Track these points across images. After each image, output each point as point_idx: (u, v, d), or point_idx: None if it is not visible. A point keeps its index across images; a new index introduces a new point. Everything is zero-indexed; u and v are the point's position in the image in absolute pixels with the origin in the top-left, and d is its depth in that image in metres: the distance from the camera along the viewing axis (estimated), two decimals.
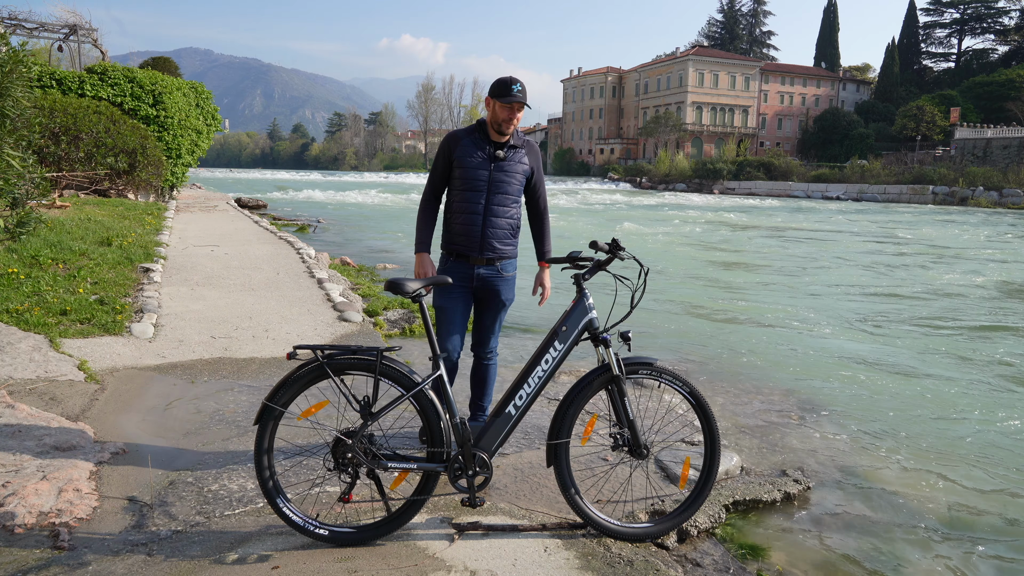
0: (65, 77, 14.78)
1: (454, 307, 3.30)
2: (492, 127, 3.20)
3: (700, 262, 13.62)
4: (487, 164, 3.21)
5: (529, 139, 3.36)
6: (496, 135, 3.22)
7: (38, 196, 5.49)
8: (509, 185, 3.25)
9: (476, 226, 3.23)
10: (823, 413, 4.90)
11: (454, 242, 3.31)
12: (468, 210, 3.23)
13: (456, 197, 3.28)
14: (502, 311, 3.43)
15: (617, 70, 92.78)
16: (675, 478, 3.43)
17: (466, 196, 3.23)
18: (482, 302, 3.40)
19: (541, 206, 3.45)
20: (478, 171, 3.20)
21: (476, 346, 3.52)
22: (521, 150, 3.29)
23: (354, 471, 2.55)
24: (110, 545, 2.54)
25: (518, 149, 3.27)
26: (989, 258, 15.60)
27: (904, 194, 49.20)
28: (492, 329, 3.46)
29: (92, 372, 4.37)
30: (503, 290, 3.36)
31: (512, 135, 3.25)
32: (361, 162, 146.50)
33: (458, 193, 3.26)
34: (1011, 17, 77.84)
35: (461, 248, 3.29)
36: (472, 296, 3.37)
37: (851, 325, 8.00)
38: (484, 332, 3.46)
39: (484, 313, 3.43)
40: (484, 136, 3.24)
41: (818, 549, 3.11)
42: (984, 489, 3.80)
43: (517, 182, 3.28)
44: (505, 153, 3.22)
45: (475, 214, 3.23)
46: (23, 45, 6.00)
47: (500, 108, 3.13)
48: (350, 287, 7.84)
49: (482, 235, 3.24)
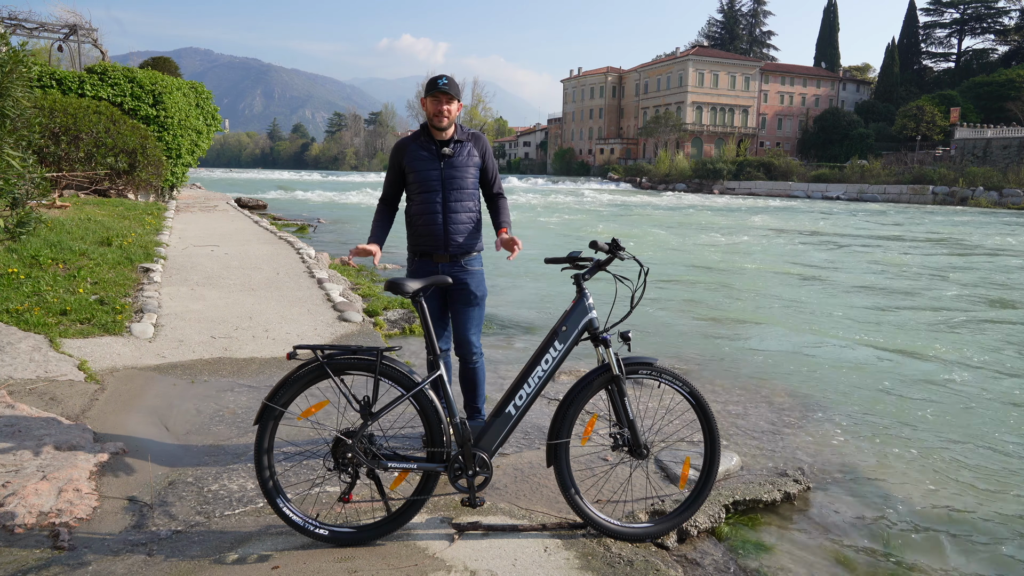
0: (65, 77, 14.77)
1: (429, 307, 3.31)
2: (432, 127, 3.26)
3: (700, 262, 13.62)
4: (436, 163, 3.26)
5: (474, 131, 3.41)
6: (438, 133, 3.26)
7: (38, 196, 5.49)
8: (463, 180, 3.30)
9: (437, 224, 3.28)
10: (823, 413, 4.90)
11: (418, 243, 3.36)
12: (427, 210, 3.28)
13: (414, 200, 3.33)
14: (476, 307, 3.43)
15: (617, 70, 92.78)
16: (675, 478, 3.43)
17: (423, 197, 3.29)
18: (453, 300, 3.41)
19: (495, 191, 3.49)
20: (429, 171, 3.26)
21: (459, 347, 3.50)
22: (468, 143, 3.33)
23: (354, 471, 2.55)
24: (110, 545, 2.54)
25: (464, 143, 3.32)
26: (993, 257, 15.60)
27: (904, 194, 49.20)
28: (469, 327, 3.44)
29: (92, 372, 4.37)
30: (472, 284, 3.38)
31: (456, 131, 3.30)
32: (361, 162, 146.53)
33: (415, 196, 3.32)
34: (1011, 17, 77.89)
35: (425, 247, 3.33)
36: (442, 293, 3.39)
37: (852, 325, 8.00)
38: (461, 330, 3.45)
39: (458, 311, 3.43)
40: (429, 137, 3.30)
41: (818, 549, 3.11)
42: (985, 489, 3.79)
43: (471, 175, 3.33)
44: (451, 149, 3.27)
45: (434, 213, 3.28)
46: (23, 45, 5.99)
47: (429, 102, 3.21)
48: (350, 287, 7.84)
49: (444, 232, 3.28)
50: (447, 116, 3.20)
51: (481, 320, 3.50)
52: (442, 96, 3.16)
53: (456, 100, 3.19)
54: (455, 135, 3.30)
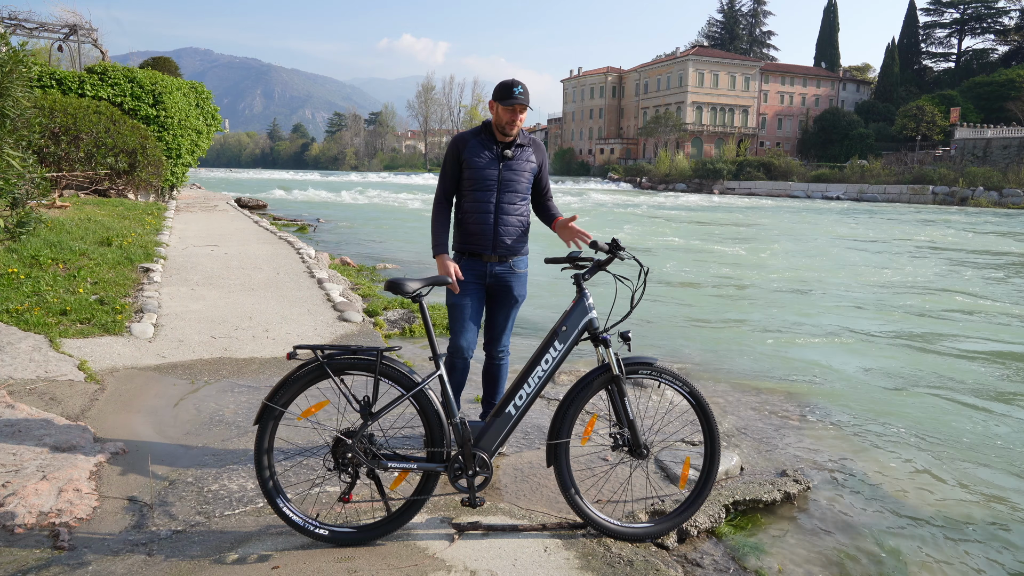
0: (65, 77, 14.77)
1: (468, 304, 3.32)
2: (497, 129, 3.25)
3: (700, 262, 13.62)
4: (495, 163, 3.26)
5: (534, 137, 3.41)
6: (501, 136, 3.26)
7: (38, 196, 5.49)
8: (518, 183, 3.30)
9: (488, 225, 3.27)
10: (823, 413, 4.90)
11: (467, 241, 3.34)
12: (480, 209, 3.27)
13: (467, 198, 3.31)
14: (515, 308, 3.46)
15: (617, 70, 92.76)
16: (675, 478, 3.42)
17: (476, 196, 3.27)
18: (495, 299, 3.43)
19: (547, 198, 3.51)
20: (487, 171, 3.25)
21: (488, 344, 3.54)
22: (528, 148, 3.34)
23: (354, 471, 2.55)
24: (110, 545, 2.54)
25: (525, 148, 3.32)
26: (995, 257, 15.60)
27: (904, 194, 49.20)
28: (505, 327, 3.49)
29: (92, 372, 4.37)
30: (516, 286, 3.40)
31: (518, 135, 3.30)
32: (361, 162, 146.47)
33: (469, 193, 3.30)
34: (1011, 17, 77.91)
35: (474, 247, 3.32)
36: (485, 294, 3.40)
37: (852, 326, 8.00)
38: (497, 329, 3.49)
39: (497, 310, 3.45)
40: (490, 137, 3.29)
41: (818, 549, 3.11)
42: (985, 489, 3.79)
43: (526, 180, 3.33)
44: (513, 152, 3.27)
45: (487, 213, 3.27)
46: (23, 45, 5.99)
47: (503, 111, 3.17)
48: (350, 287, 7.84)
49: (495, 233, 3.28)
50: (518, 125, 3.21)
51: (514, 320, 3.53)
52: (518, 106, 3.14)
53: (528, 108, 3.20)
54: (518, 138, 3.30)
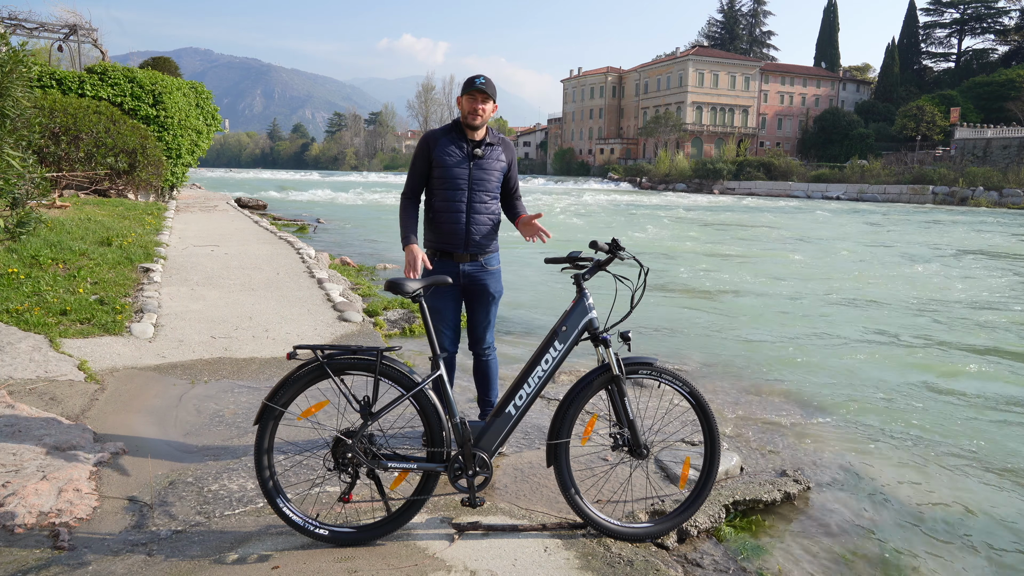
0: (65, 77, 14.77)
1: (445, 305, 3.35)
2: (465, 124, 3.27)
3: (700, 262, 13.62)
4: (466, 162, 3.27)
5: (503, 136, 3.44)
6: (471, 133, 3.27)
7: (38, 196, 5.49)
8: (488, 182, 3.32)
9: (460, 224, 3.29)
10: (823, 413, 4.90)
11: (439, 240, 3.36)
12: (451, 208, 3.29)
13: (438, 196, 3.33)
14: (492, 305, 3.47)
15: (617, 70, 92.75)
16: (675, 478, 3.42)
17: (447, 195, 3.29)
18: (473, 299, 3.44)
19: (516, 197, 3.53)
20: (457, 169, 3.26)
21: (473, 344, 3.55)
22: (498, 147, 3.36)
23: (354, 471, 2.55)
24: (110, 545, 2.54)
25: (495, 146, 3.34)
26: (996, 258, 15.60)
27: (904, 194, 49.19)
28: (487, 324, 3.49)
29: (92, 372, 4.37)
30: (491, 284, 3.41)
31: (487, 133, 3.32)
32: (361, 162, 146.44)
33: (439, 192, 3.31)
34: (1011, 17, 77.85)
35: (446, 245, 3.34)
36: (461, 293, 3.41)
37: (852, 326, 8.00)
38: (479, 328, 3.49)
39: (475, 309, 3.46)
40: (461, 135, 3.30)
41: (818, 549, 3.11)
42: (985, 489, 3.80)
43: (496, 179, 3.35)
44: (483, 151, 3.29)
45: (458, 212, 3.29)
46: (23, 45, 5.99)
47: (465, 100, 3.21)
48: (350, 287, 7.84)
49: (466, 232, 3.30)
50: (481, 115, 3.21)
51: (495, 317, 3.54)
52: (478, 95, 3.17)
53: (492, 100, 3.21)
54: (487, 137, 3.32)
